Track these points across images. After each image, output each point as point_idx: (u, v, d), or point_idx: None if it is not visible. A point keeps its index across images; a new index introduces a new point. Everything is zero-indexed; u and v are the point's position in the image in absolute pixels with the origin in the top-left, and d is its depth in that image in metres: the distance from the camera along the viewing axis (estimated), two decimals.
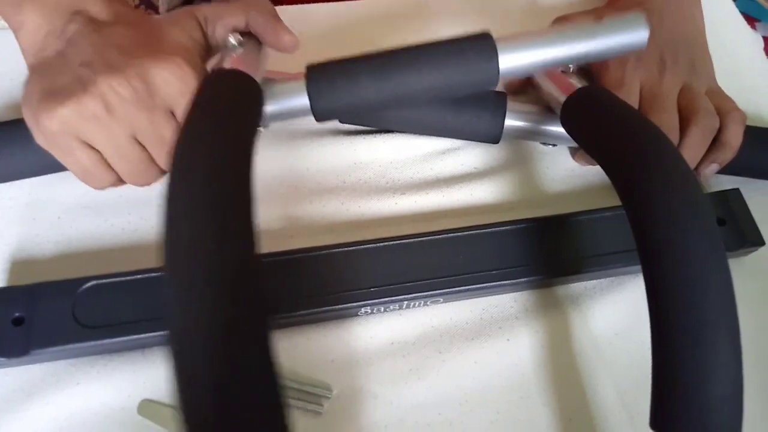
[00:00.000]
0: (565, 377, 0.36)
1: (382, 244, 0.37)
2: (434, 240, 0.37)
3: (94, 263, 0.37)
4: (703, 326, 0.26)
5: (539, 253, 0.37)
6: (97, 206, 0.40)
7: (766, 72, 0.51)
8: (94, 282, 0.34)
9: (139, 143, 0.34)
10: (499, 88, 0.42)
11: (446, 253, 0.37)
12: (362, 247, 0.36)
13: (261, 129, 0.37)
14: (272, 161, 0.43)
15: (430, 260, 0.36)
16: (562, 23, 0.44)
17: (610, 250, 0.37)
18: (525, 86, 0.46)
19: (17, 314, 0.33)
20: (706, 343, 0.26)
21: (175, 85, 0.32)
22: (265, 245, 0.37)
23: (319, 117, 0.34)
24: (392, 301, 0.35)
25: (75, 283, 0.34)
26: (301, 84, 0.34)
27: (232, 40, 0.36)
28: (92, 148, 0.33)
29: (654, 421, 0.27)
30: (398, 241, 0.37)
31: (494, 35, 0.34)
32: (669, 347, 0.27)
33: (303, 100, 0.34)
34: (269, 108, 0.35)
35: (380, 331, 0.36)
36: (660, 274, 0.27)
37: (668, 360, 0.27)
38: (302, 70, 0.34)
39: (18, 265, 0.38)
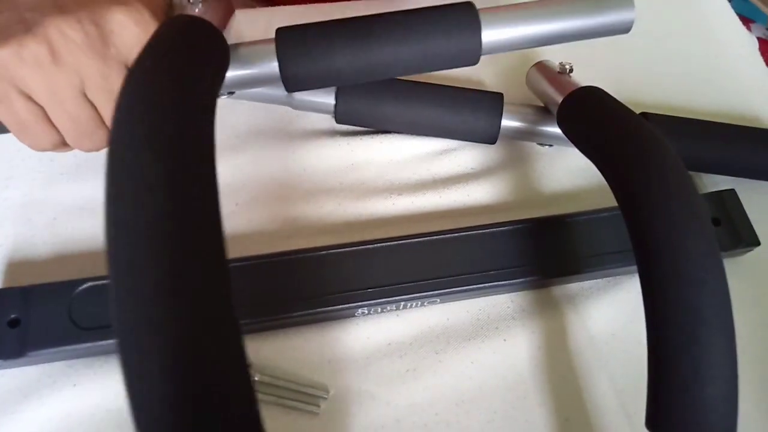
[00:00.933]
0: (562, 377, 0.36)
1: (379, 244, 0.37)
2: (431, 240, 0.37)
3: (91, 264, 0.37)
4: (699, 326, 0.26)
5: (536, 253, 0.37)
6: (92, 207, 0.40)
7: (761, 73, 0.51)
8: (90, 283, 0.34)
9: (88, 99, 0.30)
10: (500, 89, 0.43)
11: (443, 254, 0.37)
12: (359, 247, 0.36)
13: (225, 96, 0.34)
14: (269, 161, 0.43)
15: (427, 261, 0.36)
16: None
17: (606, 250, 0.38)
18: None
19: (13, 316, 0.33)
20: (702, 343, 0.26)
21: (132, 30, 0.29)
22: (262, 246, 0.37)
23: (289, 84, 0.31)
24: (389, 302, 0.35)
25: (71, 285, 0.34)
26: (271, 47, 0.31)
27: None
28: (33, 100, 0.29)
29: (649, 421, 0.27)
30: (395, 242, 0.37)
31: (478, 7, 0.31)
32: (664, 347, 0.27)
33: (272, 66, 0.31)
34: (235, 73, 0.32)
35: (377, 332, 0.36)
36: (656, 274, 0.28)
37: (664, 359, 0.27)
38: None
39: (13, 266, 0.38)
